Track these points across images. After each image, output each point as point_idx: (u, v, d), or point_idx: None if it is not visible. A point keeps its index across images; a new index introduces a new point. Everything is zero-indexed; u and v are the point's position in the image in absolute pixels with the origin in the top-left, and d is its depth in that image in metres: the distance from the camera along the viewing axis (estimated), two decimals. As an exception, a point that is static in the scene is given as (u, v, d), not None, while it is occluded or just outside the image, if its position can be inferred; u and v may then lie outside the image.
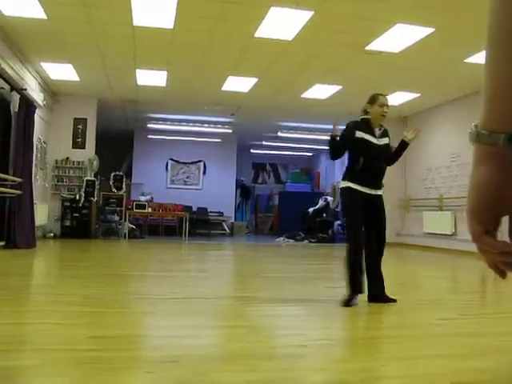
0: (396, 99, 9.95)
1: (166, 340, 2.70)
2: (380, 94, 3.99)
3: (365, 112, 3.99)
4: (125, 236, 11.03)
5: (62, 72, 8.71)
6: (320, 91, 9.41)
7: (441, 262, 8.31)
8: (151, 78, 8.92)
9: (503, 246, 0.62)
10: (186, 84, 9.33)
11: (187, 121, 13.03)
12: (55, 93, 10.25)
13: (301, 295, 4.37)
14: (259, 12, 5.88)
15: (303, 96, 9.79)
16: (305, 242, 12.50)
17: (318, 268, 6.55)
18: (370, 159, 3.87)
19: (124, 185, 11.75)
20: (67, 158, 10.56)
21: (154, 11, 5.92)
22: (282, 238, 12.98)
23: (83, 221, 10.31)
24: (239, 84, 9.12)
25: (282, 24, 6.20)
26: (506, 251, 0.61)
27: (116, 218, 11.36)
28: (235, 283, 5.57)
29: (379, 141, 3.94)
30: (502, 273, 0.63)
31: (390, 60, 7.44)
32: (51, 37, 6.94)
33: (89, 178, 10.54)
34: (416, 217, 11.09)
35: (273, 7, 5.72)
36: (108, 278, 5.07)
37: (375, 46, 6.90)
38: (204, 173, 15.18)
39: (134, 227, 11.90)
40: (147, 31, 6.56)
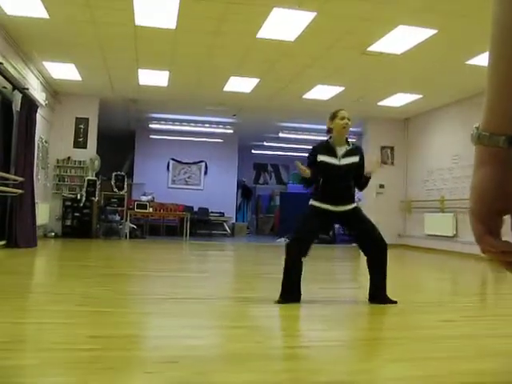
0: (398, 101, 9.96)
1: (166, 340, 2.70)
2: (340, 109, 4.06)
3: (328, 130, 4.06)
4: (126, 236, 11.03)
5: (64, 71, 8.71)
6: (322, 92, 9.41)
7: (442, 264, 8.30)
8: (153, 78, 8.92)
9: (504, 246, 0.61)
10: (188, 84, 9.33)
11: (189, 121, 13.04)
12: (57, 92, 10.26)
13: (301, 296, 4.35)
14: (262, 13, 5.88)
15: (305, 97, 9.78)
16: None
17: (319, 269, 6.54)
18: (329, 180, 3.95)
19: (125, 185, 11.76)
20: (69, 158, 10.57)
21: (157, 11, 5.93)
22: (283, 239, 12.96)
23: (84, 220, 10.32)
24: (241, 84, 9.12)
25: (285, 25, 6.20)
26: (507, 251, 0.61)
27: (117, 218, 11.36)
28: (235, 284, 5.57)
29: (341, 161, 3.97)
30: None
31: (392, 61, 7.44)
32: (53, 36, 6.95)
33: (90, 178, 10.54)
34: (417, 218, 11.08)
35: (275, 8, 5.72)
36: (108, 278, 5.07)
37: (377, 48, 6.89)
38: (205, 173, 15.18)
39: (135, 227, 11.91)
40: (149, 31, 6.57)
